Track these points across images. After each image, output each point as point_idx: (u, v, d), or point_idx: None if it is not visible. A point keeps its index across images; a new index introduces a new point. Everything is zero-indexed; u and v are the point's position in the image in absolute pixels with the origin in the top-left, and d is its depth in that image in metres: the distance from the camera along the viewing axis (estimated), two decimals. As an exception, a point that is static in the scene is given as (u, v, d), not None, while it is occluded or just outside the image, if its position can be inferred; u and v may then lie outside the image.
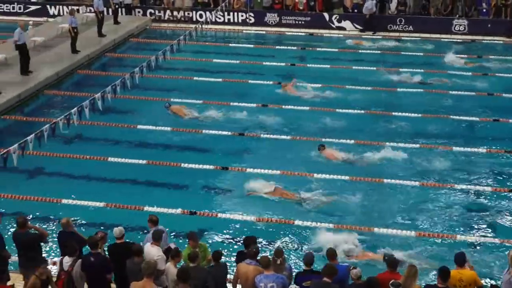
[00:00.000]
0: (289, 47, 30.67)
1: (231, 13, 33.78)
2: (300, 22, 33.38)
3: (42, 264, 10.78)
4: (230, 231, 15.51)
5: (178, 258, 11.20)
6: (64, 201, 16.60)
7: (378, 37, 32.12)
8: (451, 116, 22.18)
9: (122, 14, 33.41)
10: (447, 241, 15.13)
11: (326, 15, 33.21)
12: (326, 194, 17.02)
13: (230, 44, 31.09)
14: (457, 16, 32.89)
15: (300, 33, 32.75)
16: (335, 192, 17.16)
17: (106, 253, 11.84)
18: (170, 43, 26.51)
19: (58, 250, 12.85)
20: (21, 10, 35.17)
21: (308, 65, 27.89)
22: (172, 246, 12.13)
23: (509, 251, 11.59)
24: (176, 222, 15.76)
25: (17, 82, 23.69)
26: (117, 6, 32.37)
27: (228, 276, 11.55)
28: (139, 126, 21.20)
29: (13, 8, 35.26)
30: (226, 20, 33.81)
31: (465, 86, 25.20)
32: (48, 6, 35.08)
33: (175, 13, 34.06)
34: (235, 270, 11.26)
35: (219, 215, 16.13)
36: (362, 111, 22.55)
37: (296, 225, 15.66)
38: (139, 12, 34.36)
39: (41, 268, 10.70)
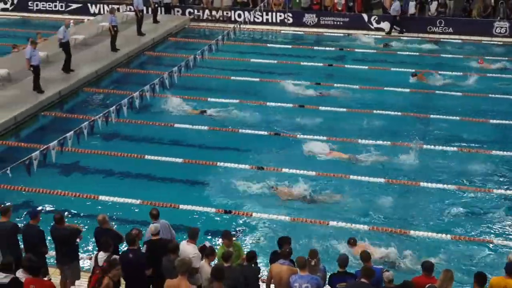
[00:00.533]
0: (327, 48, 30.58)
1: (270, 13, 33.81)
2: (338, 23, 33.28)
3: (116, 266, 10.76)
4: (265, 231, 15.53)
5: (213, 257, 11.26)
6: (101, 197, 16.80)
7: (417, 38, 31.88)
8: (490, 120, 21.92)
9: (161, 13, 33.69)
10: (484, 246, 14.96)
11: (365, 16, 33.06)
12: (362, 197, 16.96)
13: (268, 44, 31.11)
14: (499, 18, 32.45)
15: (338, 34, 32.64)
16: (370, 195, 17.09)
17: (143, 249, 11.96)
18: (209, 42, 26.64)
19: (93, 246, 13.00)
20: (63, 9, 35.67)
21: (345, 66, 27.79)
22: (207, 244, 12.20)
23: (509, 254, 11.55)
24: (211, 220, 15.87)
25: (58, 79, 24.03)
26: (156, 5, 32.66)
27: (262, 276, 11.58)
28: (176, 125, 21.35)
29: (55, 6, 35.78)
30: (265, 20, 33.86)
31: (504, 89, 24.87)
32: (89, 5, 35.52)
33: (213, 12, 34.22)
34: (268, 270, 11.28)
35: (254, 214, 16.16)
36: (399, 113, 22.40)
37: (331, 226, 15.63)
38: (178, 11, 34.60)
39: (115, 269, 10.69)
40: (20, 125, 21.24)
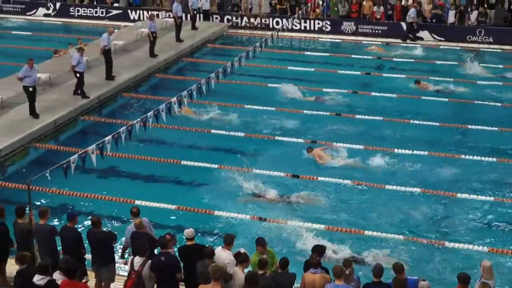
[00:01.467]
0: (365, 56, 30.47)
1: (308, 21, 33.83)
2: (377, 31, 33.15)
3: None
4: (299, 239, 15.49)
5: (247, 264, 11.28)
6: (137, 202, 16.92)
7: (456, 47, 31.61)
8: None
9: (200, 20, 33.93)
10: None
11: (403, 24, 32.86)
12: (398, 207, 16.86)
13: (306, 52, 31.10)
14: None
15: (376, 42, 32.50)
16: (406, 205, 16.98)
17: (176, 254, 12.03)
18: (246, 49, 26.72)
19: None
20: (103, 15, 36.16)
21: (383, 74, 27.63)
22: (242, 251, 12.21)
23: (482, 261, 11.55)
24: (246, 227, 15.90)
25: (97, 84, 24.34)
26: (195, 12, 32.90)
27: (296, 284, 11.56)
28: (213, 131, 21.45)
29: (96, 12, 36.29)
30: (303, 28, 33.89)
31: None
32: (129, 11, 35.95)
33: (252, 19, 34.34)
34: (301, 280, 11.25)
35: (288, 222, 16.14)
36: (437, 123, 22.20)
37: (366, 235, 15.56)
38: (216, 18, 34.82)
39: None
40: (59, 128, 21.56)
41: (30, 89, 20.86)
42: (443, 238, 15.50)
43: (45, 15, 36.68)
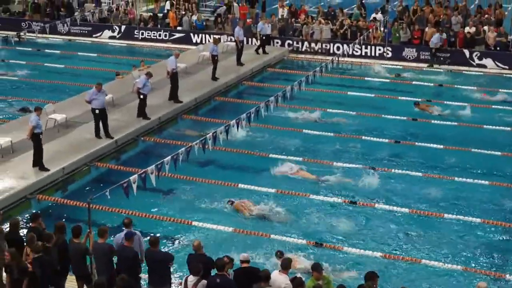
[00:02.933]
0: (425, 83, 30.16)
1: (369, 47, 33.72)
2: (439, 58, 32.78)
3: None
4: (356, 265, 15.37)
5: (302, 288, 11.26)
6: (194, 223, 17.10)
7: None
8: None
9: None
10: None
11: (466, 51, 32.43)
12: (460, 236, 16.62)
13: (366, 78, 30.95)
14: None
15: (438, 69, 32.15)
16: (469, 235, 16.71)
17: (232, 277, 12.07)
18: (306, 74, 26.74)
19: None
20: (167, 37, 36.78)
21: (445, 102, 27.27)
22: (298, 275, 12.20)
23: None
24: (302, 252, 15.83)
25: (158, 106, 24.72)
26: (264, 37, 33.05)
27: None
28: (271, 155, 21.51)
29: (159, 35, 36.95)
30: (363, 54, 33.78)
31: None
32: (191, 34, 36.47)
33: (312, 44, 34.41)
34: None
35: (345, 248, 16.04)
36: (499, 153, 21.78)
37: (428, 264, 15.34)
38: (277, 42, 35.01)
39: None
40: (120, 148, 21.95)
41: (97, 111, 21.34)
42: (503, 271, 15.17)
43: (110, 37, 37.52)
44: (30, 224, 13.46)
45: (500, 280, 14.88)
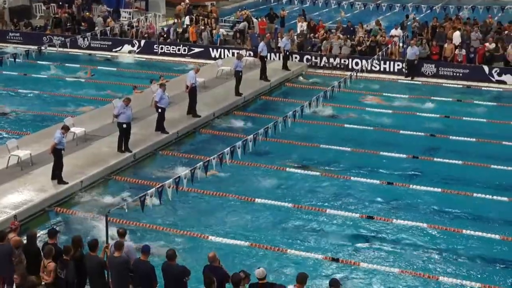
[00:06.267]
0: (444, 98, 30.06)
1: (387, 62, 33.69)
2: (458, 74, 32.69)
3: None
4: (372, 282, 15.30)
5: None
6: (211, 237, 17.11)
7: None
8: None
9: (279, 59, 34.18)
10: None
11: (485, 67, 32.30)
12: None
13: (384, 93, 30.89)
14: None
15: (457, 85, 32.04)
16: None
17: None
18: (324, 89, 26.73)
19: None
20: (186, 52, 36.98)
21: (463, 118, 27.16)
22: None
23: None
24: (318, 267, 15.80)
25: (176, 120, 24.85)
26: (287, 53, 33.18)
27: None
28: (288, 169, 21.52)
29: (178, 50, 37.16)
30: (382, 69, 33.74)
31: None
32: (210, 49, 36.65)
33: (331, 60, 34.44)
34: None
35: (361, 264, 15.99)
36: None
37: (441, 281, 15.24)
38: (296, 57, 35.06)
39: None
40: (138, 162, 22.05)
41: (124, 125, 21.53)
42: None
43: (130, 51, 37.79)
44: (48, 240, 13.54)
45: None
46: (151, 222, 17.64)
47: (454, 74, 32.76)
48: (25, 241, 13.74)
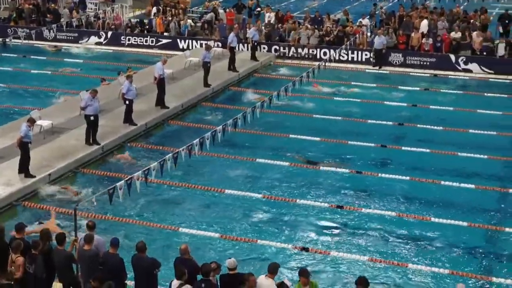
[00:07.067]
0: (411, 87, 30.28)
1: (355, 52, 33.81)
2: (425, 63, 32.94)
3: None
4: (342, 270, 15.39)
5: (288, 294, 11.27)
6: (181, 229, 17.06)
7: (505, 80, 31.20)
8: None
9: (247, 50, 34.10)
10: None
11: (452, 56, 32.60)
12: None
13: (352, 82, 31.00)
14: None
15: (424, 74, 32.30)
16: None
17: (218, 283, 12.06)
18: (293, 79, 26.76)
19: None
20: (153, 43, 36.72)
21: (430, 106, 27.40)
22: (286, 282, 12.20)
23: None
24: (288, 257, 15.85)
25: (145, 112, 24.69)
26: (255, 43, 33.11)
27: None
28: (258, 160, 21.53)
29: (146, 41, 36.88)
30: (350, 59, 33.86)
31: None
32: (178, 40, 36.43)
33: (299, 50, 34.46)
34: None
35: (332, 253, 16.07)
36: (485, 156, 21.88)
37: (410, 268, 15.41)
38: (264, 48, 35.01)
39: None
40: (106, 155, 21.87)
41: (92, 117, 21.35)
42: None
43: (97, 43, 37.42)
44: (15, 234, 13.35)
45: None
46: (119, 215, 17.52)
47: (421, 63, 33.01)
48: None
